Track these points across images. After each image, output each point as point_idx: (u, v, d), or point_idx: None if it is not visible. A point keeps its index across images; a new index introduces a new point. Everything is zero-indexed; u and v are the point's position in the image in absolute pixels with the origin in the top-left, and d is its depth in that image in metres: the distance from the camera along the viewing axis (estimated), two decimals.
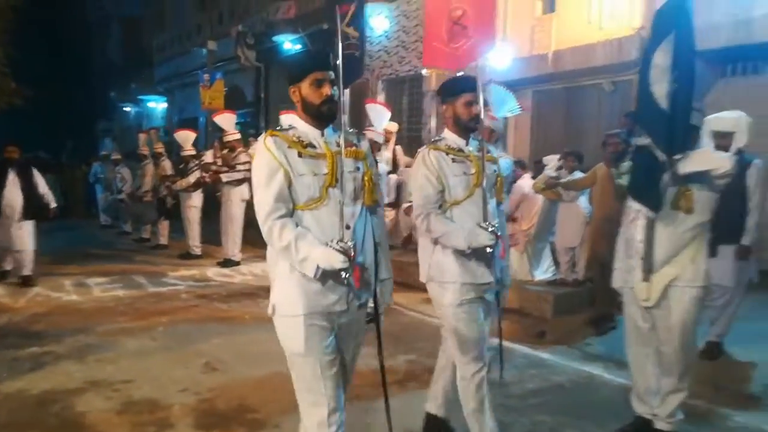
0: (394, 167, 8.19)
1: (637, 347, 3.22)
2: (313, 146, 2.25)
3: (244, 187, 8.16)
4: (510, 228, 5.23)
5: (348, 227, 2.22)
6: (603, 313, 5.23)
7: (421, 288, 6.54)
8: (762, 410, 3.60)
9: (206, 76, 13.44)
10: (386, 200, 7.50)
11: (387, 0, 10.12)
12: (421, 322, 5.52)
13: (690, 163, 2.83)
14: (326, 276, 2.19)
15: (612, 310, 5.03)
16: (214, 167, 8.47)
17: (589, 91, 8.47)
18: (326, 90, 2.23)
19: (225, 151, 8.46)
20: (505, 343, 3.67)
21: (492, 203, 2.87)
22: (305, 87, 2.25)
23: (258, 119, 15.35)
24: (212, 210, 8.84)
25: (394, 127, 8.13)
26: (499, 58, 7.80)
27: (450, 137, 2.90)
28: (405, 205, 7.44)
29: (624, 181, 3.17)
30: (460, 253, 2.79)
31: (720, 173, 2.81)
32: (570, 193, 5.85)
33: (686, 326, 3.02)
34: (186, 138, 9.03)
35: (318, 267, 2.14)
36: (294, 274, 2.22)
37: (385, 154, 7.28)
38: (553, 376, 4.24)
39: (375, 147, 5.33)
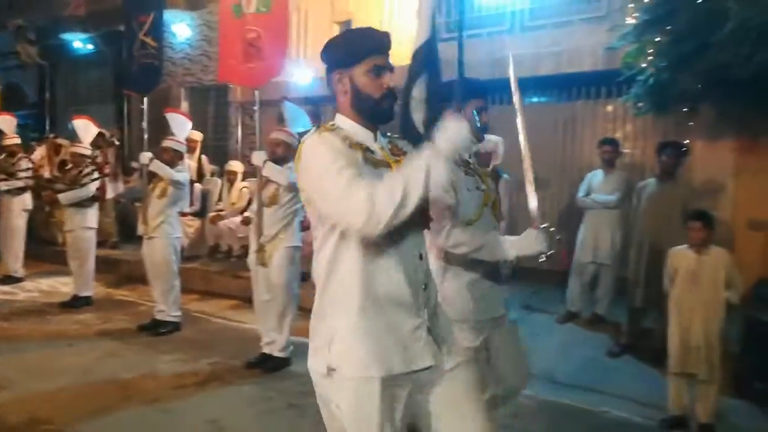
0: (199, 176, 8.20)
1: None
2: (371, 151, 1.79)
3: (26, 196, 7.48)
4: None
5: (421, 257, 1.81)
6: None
7: (226, 296, 6.70)
8: None
9: None
10: (191, 209, 7.51)
11: (188, 8, 10.00)
12: (226, 327, 5.68)
13: None
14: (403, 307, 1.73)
15: None
16: None
17: None
18: (387, 80, 1.77)
19: (3, 157, 7.68)
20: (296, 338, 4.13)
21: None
22: (360, 75, 1.76)
23: (42, 122, 13.91)
24: None
25: (198, 135, 8.14)
26: (301, 76, 8.30)
27: None
28: (211, 214, 7.56)
29: None
30: (474, 281, 2.37)
31: None
32: None
33: None
34: None
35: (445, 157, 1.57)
36: (365, 321, 1.69)
37: (189, 163, 7.28)
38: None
39: (177, 156, 5.38)
